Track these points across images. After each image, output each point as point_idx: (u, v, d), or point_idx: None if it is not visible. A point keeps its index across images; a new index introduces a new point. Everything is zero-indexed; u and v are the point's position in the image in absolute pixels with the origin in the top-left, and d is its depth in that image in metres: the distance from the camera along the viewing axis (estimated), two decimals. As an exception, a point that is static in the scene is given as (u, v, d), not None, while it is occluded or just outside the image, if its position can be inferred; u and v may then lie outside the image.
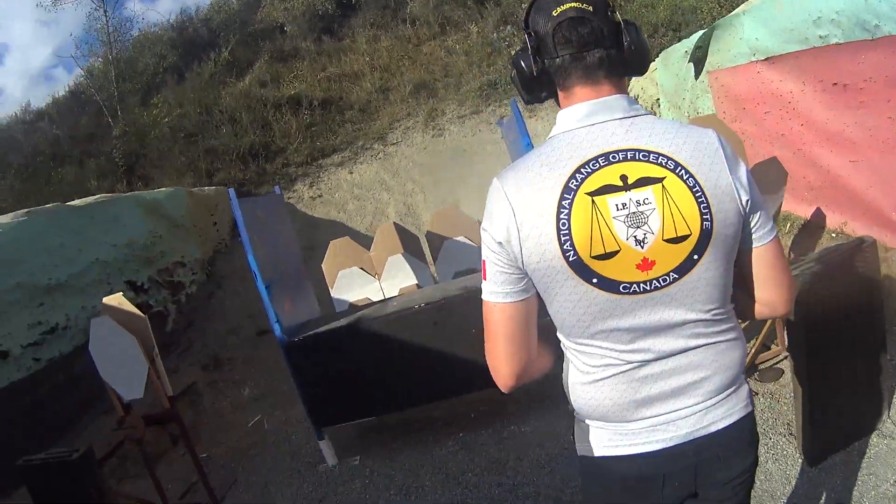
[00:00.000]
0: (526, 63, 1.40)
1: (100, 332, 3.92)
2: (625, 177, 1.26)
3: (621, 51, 1.35)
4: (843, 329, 3.02)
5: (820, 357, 2.96)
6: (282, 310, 4.41)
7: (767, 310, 1.44)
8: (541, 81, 1.41)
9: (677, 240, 1.26)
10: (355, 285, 5.61)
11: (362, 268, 5.64)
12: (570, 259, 1.26)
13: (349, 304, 5.47)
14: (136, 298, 6.67)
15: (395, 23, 13.38)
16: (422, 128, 10.37)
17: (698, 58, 6.31)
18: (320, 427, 4.43)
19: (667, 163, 1.27)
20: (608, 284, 1.28)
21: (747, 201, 1.30)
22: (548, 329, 1.46)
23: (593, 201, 1.26)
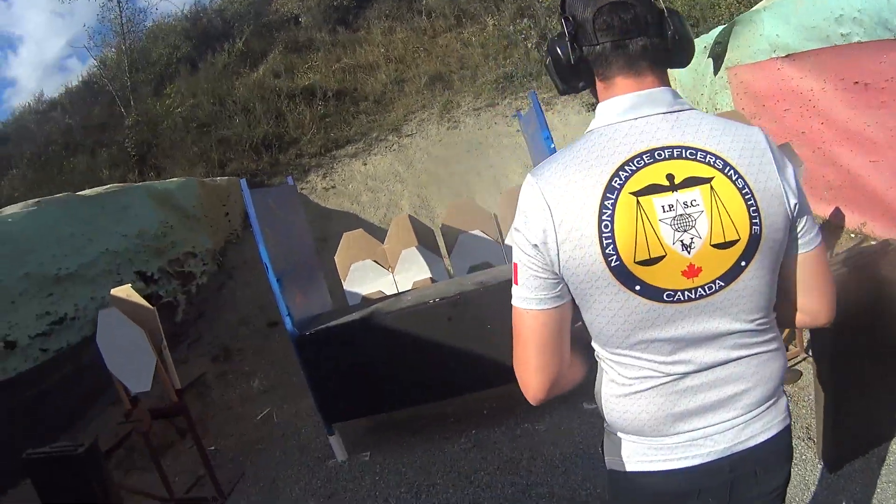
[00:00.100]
0: (563, 50, 1.30)
1: (107, 324, 3.91)
2: (671, 176, 1.19)
3: (665, 40, 1.27)
4: (868, 334, 2.94)
5: (844, 362, 2.91)
6: (293, 302, 4.37)
7: (809, 318, 1.38)
8: (578, 70, 1.31)
9: (725, 245, 1.19)
10: (368, 278, 5.59)
11: (376, 260, 5.62)
12: (613, 264, 1.18)
13: (362, 297, 5.45)
14: (145, 289, 6.66)
15: (411, 14, 13.32)
16: (437, 120, 10.32)
17: (717, 53, 6.34)
18: (330, 422, 4.38)
19: (715, 162, 1.19)
20: (651, 292, 1.20)
21: (795, 205, 1.23)
22: (579, 335, 1.38)
23: (638, 202, 1.17)
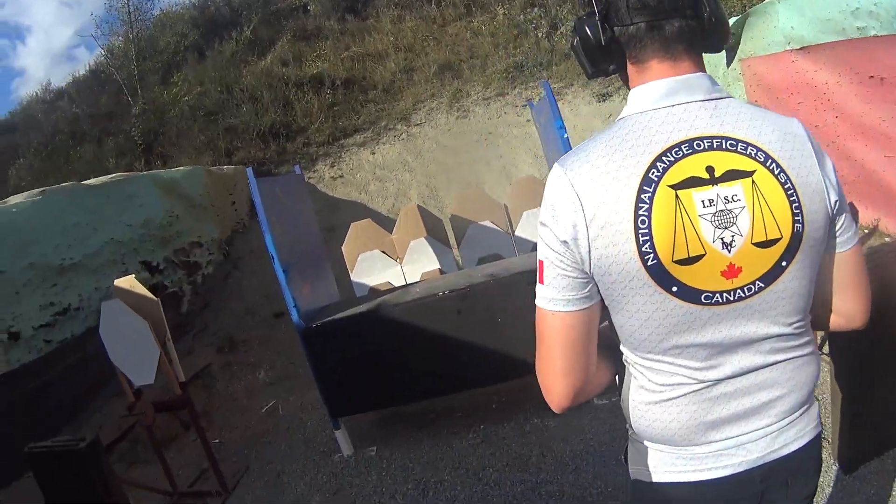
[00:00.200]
0: (592, 30, 1.21)
1: (111, 316, 3.86)
2: (711, 168, 1.10)
3: (701, 21, 1.17)
4: (888, 333, 2.84)
5: (863, 362, 2.82)
6: (300, 294, 4.29)
7: (844, 321, 1.32)
8: (609, 52, 1.22)
9: (767, 244, 1.12)
10: (376, 269, 5.53)
11: (384, 251, 5.55)
12: (649, 263, 1.10)
13: (369, 289, 5.39)
14: (151, 279, 6.61)
15: (420, 3, 13.19)
16: (446, 109, 10.21)
17: (731, 45, 6.29)
18: (337, 416, 4.32)
19: (756, 154, 1.12)
20: (689, 294, 1.12)
21: (836, 202, 1.17)
22: (607, 336, 1.29)
23: (677, 196, 1.09)
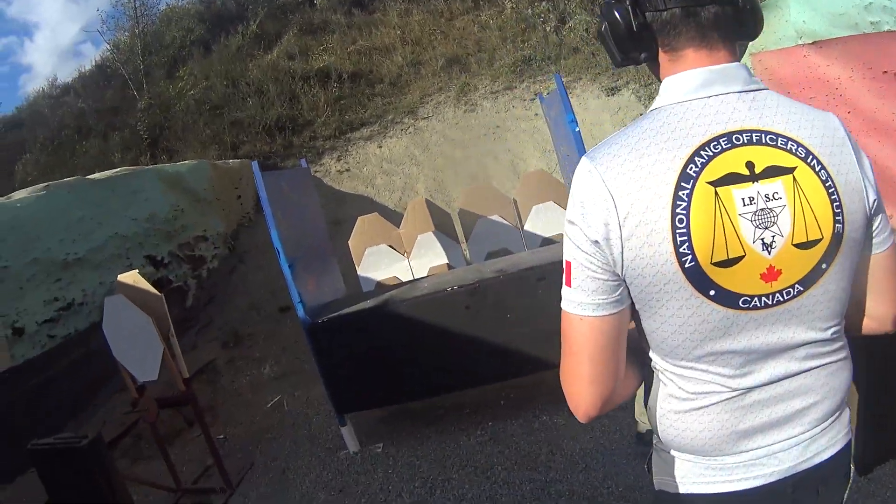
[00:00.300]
0: (622, 15, 1.13)
1: (114, 311, 3.84)
2: (751, 164, 1.04)
3: (737, 8, 1.10)
4: None
5: (880, 362, 2.78)
6: (305, 289, 4.25)
7: (876, 324, 1.25)
8: (640, 39, 1.14)
9: (808, 245, 1.06)
10: (383, 263, 5.48)
11: (391, 245, 5.50)
12: (687, 265, 1.03)
13: (376, 283, 5.35)
14: (155, 273, 6.57)
15: (427, -4, 13.06)
16: (453, 103, 10.13)
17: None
18: (342, 413, 4.27)
19: (797, 150, 1.06)
20: (727, 298, 1.05)
21: (874, 201, 1.11)
22: (635, 341, 1.21)
23: (716, 193, 1.02)
